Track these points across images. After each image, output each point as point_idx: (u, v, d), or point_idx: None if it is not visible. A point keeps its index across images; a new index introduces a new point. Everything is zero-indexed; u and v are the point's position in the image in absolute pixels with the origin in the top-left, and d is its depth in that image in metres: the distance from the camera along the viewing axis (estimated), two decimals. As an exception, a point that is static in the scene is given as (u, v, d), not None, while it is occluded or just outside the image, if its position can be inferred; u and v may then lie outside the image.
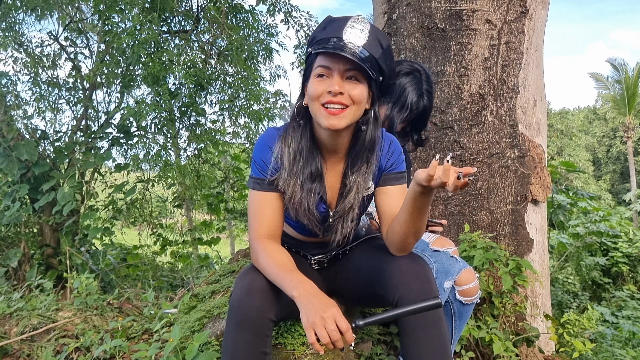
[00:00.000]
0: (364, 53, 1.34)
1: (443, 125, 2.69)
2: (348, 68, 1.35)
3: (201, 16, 6.49)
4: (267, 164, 1.49)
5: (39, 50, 6.43)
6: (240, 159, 7.54)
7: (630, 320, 5.06)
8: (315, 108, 1.39)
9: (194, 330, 1.96)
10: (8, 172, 5.46)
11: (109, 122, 6.48)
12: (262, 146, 1.51)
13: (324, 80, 1.37)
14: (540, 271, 2.73)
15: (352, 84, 1.37)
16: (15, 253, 5.63)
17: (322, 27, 1.40)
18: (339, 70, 1.35)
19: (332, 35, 1.35)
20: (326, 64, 1.36)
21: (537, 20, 2.79)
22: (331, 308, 1.24)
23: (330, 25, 1.38)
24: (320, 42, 1.38)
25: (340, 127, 1.37)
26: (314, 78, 1.39)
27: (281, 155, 1.47)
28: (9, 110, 5.67)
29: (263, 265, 1.42)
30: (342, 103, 1.35)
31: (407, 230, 1.39)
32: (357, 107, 1.39)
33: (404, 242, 1.43)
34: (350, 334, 1.22)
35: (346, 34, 1.34)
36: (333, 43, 1.34)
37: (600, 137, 37.46)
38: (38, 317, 2.53)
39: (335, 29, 1.36)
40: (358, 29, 1.35)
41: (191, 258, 7.16)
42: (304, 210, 1.49)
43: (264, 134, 1.55)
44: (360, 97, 1.37)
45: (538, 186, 2.70)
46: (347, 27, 1.35)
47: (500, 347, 2.00)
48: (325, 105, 1.36)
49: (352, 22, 1.36)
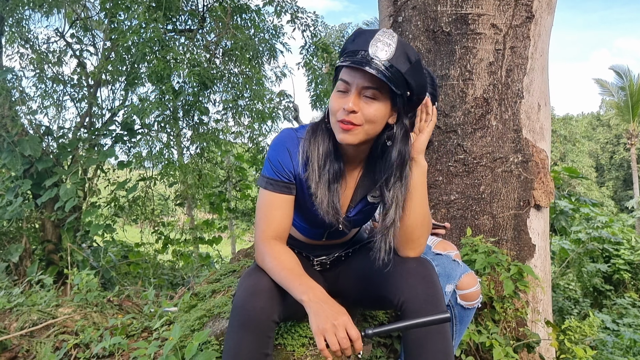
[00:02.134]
0: (389, 67, 1.32)
1: (447, 128, 2.68)
2: (366, 86, 1.34)
3: (207, 15, 6.51)
4: (283, 165, 1.47)
5: (45, 47, 6.46)
6: (243, 158, 7.54)
7: (632, 328, 5.04)
8: (333, 121, 1.40)
9: (193, 329, 1.96)
10: (11, 167, 5.48)
11: (113, 120, 6.50)
12: (280, 147, 1.49)
13: (342, 96, 1.37)
14: (542, 277, 2.72)
15: (368, 101, 1.35)
16: (16, 248, 5.64)
17: (352, 39, 1.39)
18: (358, 86, 1.34)
19: (360, 48, 1.34)
20: (347, 78, 1.36)
21: (543, 25, 2.78)
22: (342, 316, 1.24)
23: (359, 37, 1.37)
24: (347, 54, 1.37)
25: (352, 143, 1.37)
26: (335, 92, 1.39)
27: (310, 157, 1.46)
28: (13, 105, 5.69)
29: (270, 267, 1.41)
30: (353, 122, 1.35)
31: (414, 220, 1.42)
32: (371, 126, 1.37)
33: (413, 236, 1.43)
34: (359, 343, 1.22)
35: (372, 47, 1.33)
36: (360, 56, 1.33)
37: (603, 143, 37.37)
38: (38, 313, 2.53)
39: (363, 41, 1.35)
40: (385, 42, 1.33)
41: (192, 257, 7.17)
42: (332, 211, 1.47)
43: (281, 134, 1.53)
44: (374, 117, 1.36)
45: (541, 191, 2.70)
46: (374, 40, 1.34)
47: (501, 352, 2.00)
48: (340, 121, 1.36)
49: (379, 35, 1.34)
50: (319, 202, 1.46)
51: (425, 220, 1.42)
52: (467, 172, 2.65)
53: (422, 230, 1.43)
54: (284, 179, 1.48)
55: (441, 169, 2.68)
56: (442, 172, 2.68)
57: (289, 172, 1.48)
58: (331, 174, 1.46)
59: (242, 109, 6.60)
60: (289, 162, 1.47)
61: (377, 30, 1.36)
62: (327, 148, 1.46)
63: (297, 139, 1.49)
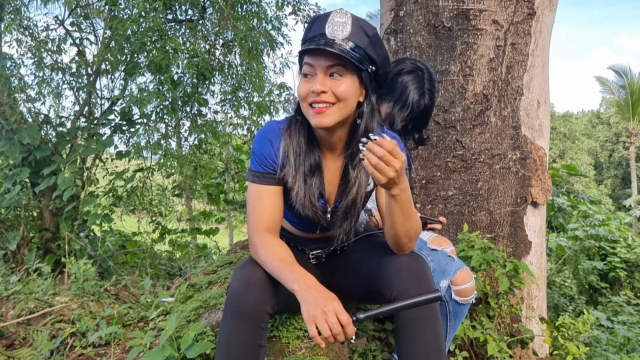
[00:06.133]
0: (349, 44, 1.33)
1: (446, 124, 2.68)
2: (330, 64, 1.35)
3: (207, 5, 6.47)
4: (266, 157, 1.49)
5: (44, 35, 6.41)
6: (242, 150, 7.54)
7: (626, 325, 5.07)
8: (304, 108, 1.40)
9: (189, 320, 1.97)
10: (10, 155, 5.47)
11: (112, 109, 6.48)
12: (262, 139, 1.50)
13: (309, 80, 1.38)
14: (538, 274, 2.73)
15: (336, 80, 1.36)
16: (14, 236, 5.65)
17: (309, 28, 1.41)
18: (322, 67, 1.35)
19: (317, 32, 1.36)
20: (310, 62, 1.37)
21: (544, 22, 2.78)
22: (332, 302, 1.25)
23: (314, 23, 1.39)
24: (306, 41, 1.39)
25: (328, 124, 1.37)
26: (302, 78, 1.40)
27: (287, 151, 1.47)
28: (12, 93, 5.67)
29: (262, 258, 1.42)
30: (326, 101, 1.35)
31: (397, 232, 1.40)
32: (344, 104, 1.38)
33: (399, 243, 1.44)
34: (351, 327, 1.23)
35: (329, 29, 1.34)
36: (319, 40, 1.34)
37: (603, 141, 37.37)
38: (35, 301, 2.54)
39: (319, 26, 1.37)
40: (340, 22, 1.35)
41: (189, 247, 7.18)
42: (308, 204, 1.49)
43: (264, 127, 1.55)
44: (345, 93, 1.36)
45: (538, 189, 2.70)
46: (328, 22, 1.35)
47: (495, 347, 2.01)
48: (312, 105, 1.37)
49: (332, 16, 1.36)
50: (295, 196, 1.47)
51: (412, 231, 1.41)
52: (465, 168, 2.65)
53: (409, 238, 1.43)
54: (269, 170, 1.49)
55: (439, 164, 2.68)
56: (440, 168, 2.68)
57: (272, 162, 1.49)
58: (307, 167, 1.47)
59: (241, 100, 6.58)
60: (271, 152, 1.49)
61: (330, 12, 1.37)
62: (302, 141, 1.47)
63: (279, 130, 1.50)
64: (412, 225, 1.39)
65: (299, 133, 1.47)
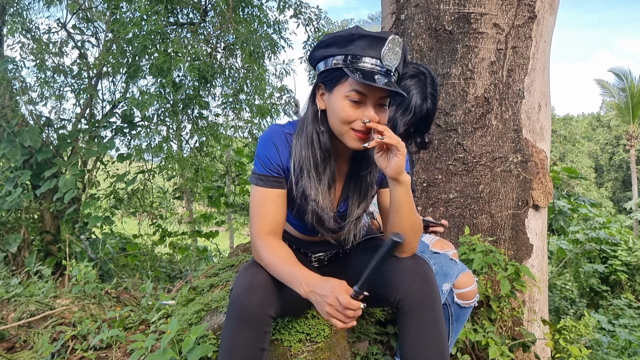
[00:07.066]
0: (396, 75, 1.38)
1: (447, 127, 2.68)
2: (383, 96, 1.37)
3: (209, 9, 6.48)
4: (271, 160, 1.49)
5: (47, 37, 6.43)
6: (243, 153, 7.54)
7: (627, 329, 5.06)
8: (343, 130, 1.40)
9: (191, 323, 1.96)
10: (11, 157, 5.47)
11: (113, 112, 6.49)
12: (266, 143, 1.50)
13: (357, 107, 1.37)
14: (539, 277, 2.73)
15: (383, 111, 1.39)
16: (15, 238, 5.65)
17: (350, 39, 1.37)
18: (375, 98, 1.36)
19: (368, 54, 1.34)
20: (363, 90, 1.35)
21: (545, 25, 2.78)
22: (330, 295, 1.27)
23: (363, 40, 1.35)
24: (356, 60, 1.35)
25: (367, 147, 1.39)
26: (346, 100, 1.37)
27: (302, 160, 1.46)
28: (14, 95, 5.68)
29: (266, 261, 1.42)
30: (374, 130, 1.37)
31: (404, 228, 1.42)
32: None
33: (404, 240, 1.44)
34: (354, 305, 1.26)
35: (386, 58, 1.34)
36: (370, 65, 1.34)
37: (603, 144, 37.34)
38: (36, 304, 2.54)
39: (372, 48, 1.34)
40: (395, 51, 1.36)
41: (190, 250, 7.17)
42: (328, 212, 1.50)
43: (269, 130, 1.55)
44: (385, 121, 1.40)
45: (539, 192, 2.70)
46: (387, 50, 1.34)
47: (496, 351, 2.01)
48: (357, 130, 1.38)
49: (390, 43, 1.34)
50: (318, 204, 1.48)
51: (415, 229, 1.44)
52: (466, 171, 2.65)
53: (414, 234, 1.45)
54: (273, 173, 1.49)
55: (441, 167, 2.68)
56: (442, 171, 2.68)
57: (277, 166, 1.49)
58: (329, 177, 1.49)
59: (242, 103, 6.59)
60: (276, 156, 1.49)
61: (386, 37, 1.35)
62: (325, 154, 1.47)
63: (284, 134, 1.51)
64: (417, 219, 1.46)
65: (320, 144, 1.46)
